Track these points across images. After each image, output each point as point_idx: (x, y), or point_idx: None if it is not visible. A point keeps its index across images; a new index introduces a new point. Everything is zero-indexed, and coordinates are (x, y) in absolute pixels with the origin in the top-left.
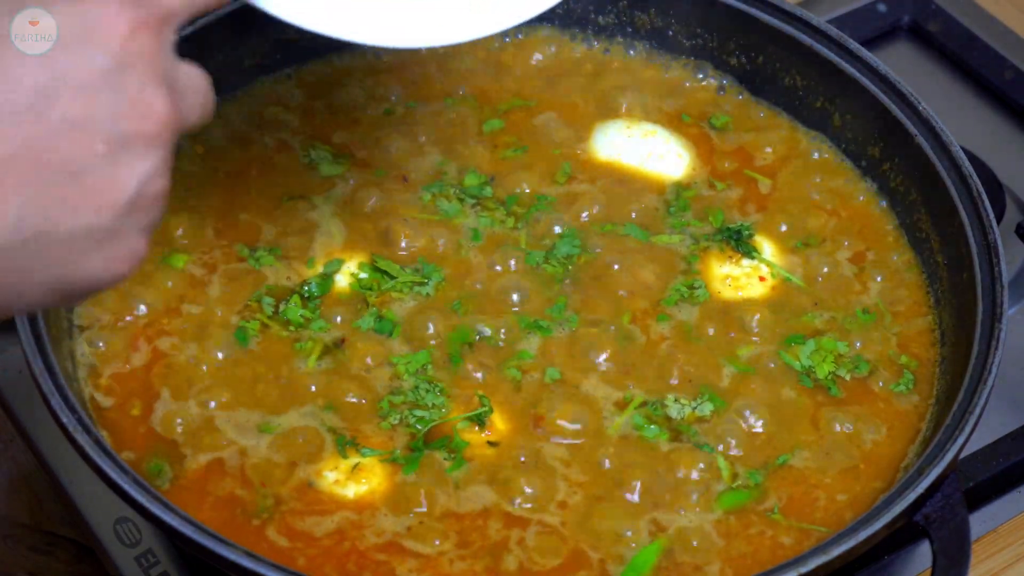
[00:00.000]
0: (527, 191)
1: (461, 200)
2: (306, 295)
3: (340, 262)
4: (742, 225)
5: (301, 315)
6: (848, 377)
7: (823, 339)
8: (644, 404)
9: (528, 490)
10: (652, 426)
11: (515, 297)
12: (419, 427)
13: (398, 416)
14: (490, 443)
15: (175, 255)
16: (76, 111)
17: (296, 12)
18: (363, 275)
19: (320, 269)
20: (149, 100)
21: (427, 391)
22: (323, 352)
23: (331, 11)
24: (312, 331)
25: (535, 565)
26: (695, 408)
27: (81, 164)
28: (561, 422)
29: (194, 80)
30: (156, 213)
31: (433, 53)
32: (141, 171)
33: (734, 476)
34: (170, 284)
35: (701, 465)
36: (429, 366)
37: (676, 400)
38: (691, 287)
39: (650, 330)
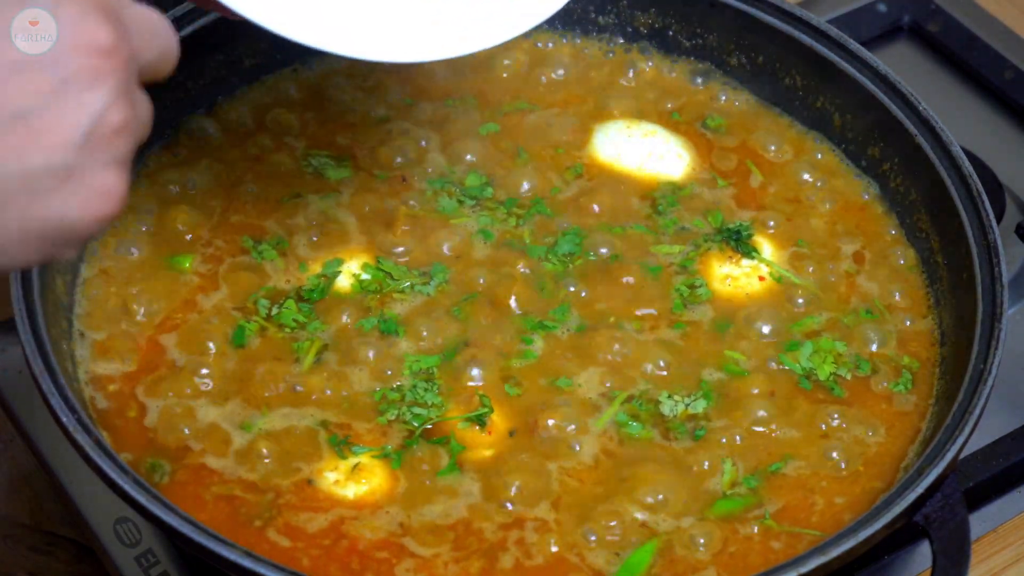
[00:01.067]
0: (528, 192)
1: (461, 202)
2: (305, 296)
3: (340, 262)
4: (741, 225)
5: (294, 319)
6: (849, 376)
7: (822, 339)
8: (630, 399)
9: (524, 489)
10: (635, 423)
11: (518, 297)
12: (415, 424)
13: (395, 412)
14: (510, 433)
15: (178, 256)
16: (14, 53)
17: (300, 29)
18: (365, 276)
19: (320, 270)
20: (90, 31)
21: (426, 390)
22: (320, 351)
23: (329, 26)
24: (309, 332)
25: (529, 562)
26: (688, 405)
27: (27, 105)
28: (560, 423)
29: (147, 19)
30: (123, 146)
31: None
32: (92, 105)
33: (732, 482)
34: (170, 284)
35: (700, 468)
36: (436, 369)
37: (669, 397)
38: (692, 286)
39: (651, 330)
